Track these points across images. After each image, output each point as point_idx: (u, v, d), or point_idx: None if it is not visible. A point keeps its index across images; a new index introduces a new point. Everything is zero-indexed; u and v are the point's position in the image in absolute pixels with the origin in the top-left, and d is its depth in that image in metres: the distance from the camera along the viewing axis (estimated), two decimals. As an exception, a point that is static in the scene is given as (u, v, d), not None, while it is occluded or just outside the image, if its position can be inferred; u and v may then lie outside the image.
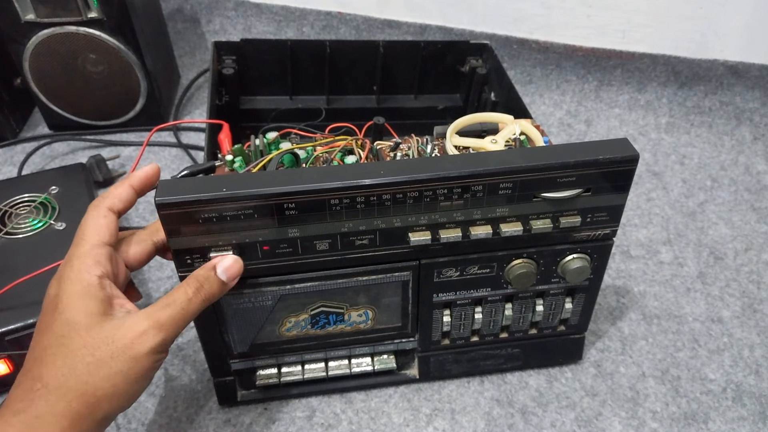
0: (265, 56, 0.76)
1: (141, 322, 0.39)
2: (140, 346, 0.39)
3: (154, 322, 0.39)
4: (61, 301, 0.39)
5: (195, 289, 0.41)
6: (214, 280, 0.42)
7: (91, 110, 0.86)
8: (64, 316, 0.39)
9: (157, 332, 0.39)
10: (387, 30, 0.99)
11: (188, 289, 0.41)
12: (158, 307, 0.40)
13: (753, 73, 0.93)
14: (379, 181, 0.41)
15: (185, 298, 0.41)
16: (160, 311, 0.40)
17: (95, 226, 0.42)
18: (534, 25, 0.95)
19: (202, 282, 0.42)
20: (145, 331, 0.39)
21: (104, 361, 0.38)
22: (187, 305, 0.41)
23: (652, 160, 0.89)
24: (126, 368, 0.38)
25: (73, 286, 0.39)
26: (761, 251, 0.74)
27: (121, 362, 0.38)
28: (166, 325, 0.40)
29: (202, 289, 0.41)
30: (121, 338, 0.38)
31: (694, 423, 0.56)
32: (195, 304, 0.41)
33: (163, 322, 0.39)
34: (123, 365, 0.38)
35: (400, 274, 0.48)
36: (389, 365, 0.55)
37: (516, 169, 0.42)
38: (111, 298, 0.40)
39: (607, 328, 0.64)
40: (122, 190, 0.44)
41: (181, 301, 0.41)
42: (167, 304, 0.40)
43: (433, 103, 0.81)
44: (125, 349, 0.38)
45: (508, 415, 0.56)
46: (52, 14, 0.76)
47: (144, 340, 0.39)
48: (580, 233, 0.48)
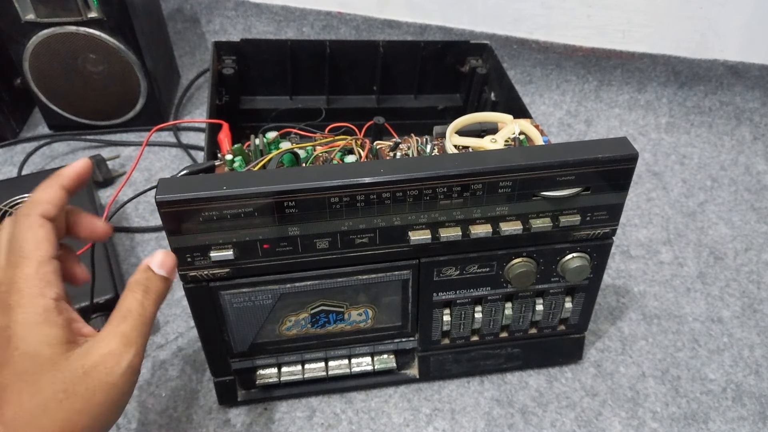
0: (265, 56, 0.76)
1: (108, 342, 0.36)
2: (116, 368, 0.35)
3: (121, 338, 0.36)
4: (15, 333, 0.34)
5: (142, 292, 0.38)
6: (155, 277, 0.39)
7: (91, 110, 0.86)
8: (22, 350, 0.34)
9: (128, 348, 0.36)
10: (387, 30, 0.99)
11: (136, 294, 0.38)
12: (116, 322, 0.37)
13: (753, 73, 0.93)
14: (379, 179, 0.41)
15: (137, 304, 0.38)
16: (121, 325, 0.37)
17: (34, 240, 0.36)
18: (534, 25, 0.95)
19: (145, 284, 0.39)
20: (116, 351, 0.35)
21: (79, 393, 0.34)
22: (142, 311, 0.38)
23: (652, 160, 0.89)
24: (104, 397, 0.35)
25: (26, 315, 0.35)
26: (761, 251, 0.74)
27: (98, 392, 0.35)
28: (132, 337, 0.36)
29: (149, 290, 0.39)
30: (93, 366, 0.35)
31: (694, 423, 0.56)
32: (149, 308, 0.38)
33: (129, 335, 0.36)
34: (101, 395, 0.35)
35: (400, 273, 0.48)
36: (389, 365, 0.55)
37: (515, 167, 0.42)
38: (70, 323, 0.36)
39: (607, 328, 0.64)
40: (53, 192, 0.38)
41: (136, 308, 0.38)
42: (124, 316, 0.37)
43: (433, 103, 0.81)
44: (100, 376, 0.35)
45: (508, 415, 0.56)
46: (52, 14, 0.76)
47: (116, 360, 0.35)
48: (579, 232, 0.48)
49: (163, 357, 0.60)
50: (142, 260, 0.41)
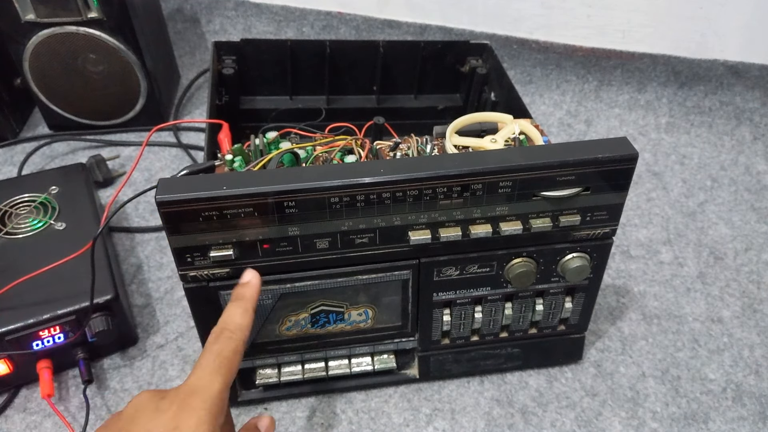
0: (265, 56, 0.76)
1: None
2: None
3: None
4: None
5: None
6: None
7: (91, 110, 0.86)
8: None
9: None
10: (387, 30, 0.99)
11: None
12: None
13: (753, 73, 0.93)
14: (379, 179, 0.41)
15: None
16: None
17: (231, 363, 0.38)
18: (534, 25, 0.95)
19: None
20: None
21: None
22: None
23: (652, 160, 0.89)
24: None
25: (200, 428, 0.35)
26: (761, 251, 0.74)
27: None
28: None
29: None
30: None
31: (694, 423, 0.56)
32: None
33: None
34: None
35: (400, 273, 0.48)
36: (389, 365, 0.55)
37: (515, 167, 0.42)
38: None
39: (607, 328, 0.64)
40: (250, 319, 0.41)
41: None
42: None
43: (433, 103, 0.81)
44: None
45: (508, 415, 0.56)
46: (52, 14, 0.76)
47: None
48: (579, 232, 0.48)
49: (163, 357, 0.60)
50: None
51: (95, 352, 0.59)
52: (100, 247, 0.60)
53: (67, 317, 0.54)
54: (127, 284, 0.67)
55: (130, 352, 0.61)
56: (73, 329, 0.55)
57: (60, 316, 0.54)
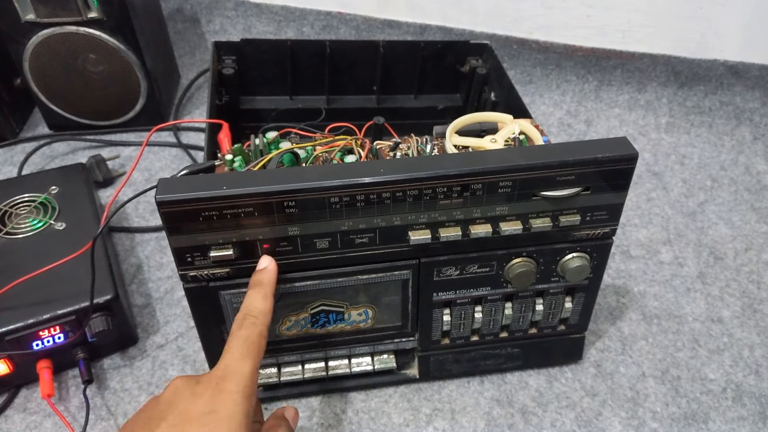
0: (265, 56, 0.76)
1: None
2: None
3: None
4: (216, 422, 0.35)
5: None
6: (290, 429, 0.44)
7: (91, 110, 0.86)
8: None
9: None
10: (387, 30, 0.99)
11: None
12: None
13: (753, 73, 0.93)
14: (379, 179, 0.41)
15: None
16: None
17: (259, 347, 0.40)
18: (534, 25, 0.95)
19: None
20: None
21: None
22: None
23: (652, 160, 0.89)
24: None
25: (236, 409, 0.36)
26: (761, 251, 0.74)
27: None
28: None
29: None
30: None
31: (694, 423, 0.56)
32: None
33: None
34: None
35: (400, 273, 0.48)
36: (389, 365, 0.55)
37: (515, 167, 0.42)
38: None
39: (607, 328, 0.64)
40: (270, 304, 0.43)
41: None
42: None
43: (433, 103, 0.81)
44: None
45: (508, 415, 0.56)
46: (52, 14, 0.76)
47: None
48: (579, 232, 0.48)
49: (163, 357, 0.60)
50: None
51: (95, 352, 0.59)
52: (100, 247, 0.60)
53: (67, 317, 0.54)
54: (127, 284, 0.67)
55: (130, 352, 0.61)
56: (73, 329, 0.55)
57: (60, 316, 0.54)
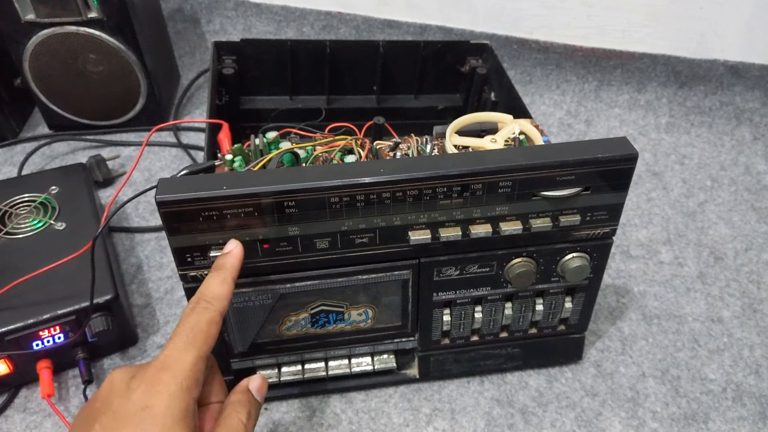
0: (265, 56, 0.76)
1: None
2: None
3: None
4: (155, 420, 0.33)
5: (246, 414, 0.39)
6: (255, 402, 0.41)
7: (91, 110, 0.86)
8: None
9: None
10: (387, 30, 0.99)
11: (241, 415, 0.39)
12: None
13: (753, 73, 0.93)
14: (379, 179, 0.41)
15: (242, 426, 0.39)
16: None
17: (207, 335, 0.37)
18: (534, 25, 0.95)
19: (248, 407, 0.40)
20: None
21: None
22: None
23: (652, 160, 0.89)
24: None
25: (169, 407, 0.34)
26: (761, 251, 0.74)
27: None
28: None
29: (251, 415, 0.40)
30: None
31: (694, 423, 0.56)
32: (250, 429, 0.40)
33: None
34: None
35: (400, 273, 0.48)
36: (389, 365, 0.55)
37: (515, 167, 0.42)
38: (196, 429, 0.36)
39: (607, 328, 0.64)
40: (229, 289, 0.40)
41: (240, 429, 0.39)
42: None
43: (433, 103, 0.81)
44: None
45: (508, 415, 0.56)
46: (52, 14, 0.76)
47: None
48: (579, 232, 0.48)
49: (163, 357, 0.60)
50: None
51: (95, 352, 0.59)
52: (100, 247, 0.60)
53: (67, 317, 0.54)
54: (127, 284, 0.67)
55: (130, 352, 0.61)
56: (73, 329, 0.55)
57: (60, 316, 0.54)
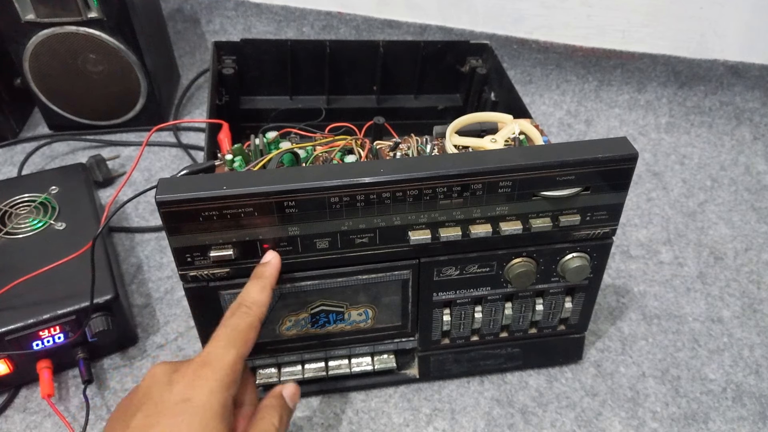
0: (265, 56, 0.76)
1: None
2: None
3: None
4: (195, 413, 0.35)
5: (278, 418, 0.42)
6: (287, 408, 0.43)
7: (91, 110, 0.86)
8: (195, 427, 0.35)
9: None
10: (387, 30, 0.99)
11: (273, 419, 0.41)
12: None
13: (753, 73, 0.93)
14: (379, 179, 0.41)
15: (274, 429, 0.41)
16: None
17: (247, 338, 0.40)
18: (534, 25, 0.95)
19: (280, 412, 0.42)
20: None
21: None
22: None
23: (652, 160, 0.89)
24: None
25: (209, 401, 0.36)
26: (761, 251, 0.74)
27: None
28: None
29: (282, 419, 0.42)
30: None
31: (694, 423, 0.56)
32: None
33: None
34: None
35: (400, 273, 0.48)
36: (389, 365, 0.55)
37: (515, 167, 0.42)
38: (232, 428, 0.38)
39: (607, 328, 0.64)
40: (268, 297, 0.42)
41: None
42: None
43: (433, 103, 0.81)
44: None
45: (508, 415, 0.56)
46: (52, 14, 0.76)
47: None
48: (579, 232, 0.48)
49: (163, 357, 0.60)
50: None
51: (95, 352, 0.59)
52: (100, 247, 0.60)
53: (67, 317, 0.54)
54: (127, 284, 0.67)
55: (130, 352, 0.61)
56: (73, 329, 0.55)
57: (60, 316, 0.54)
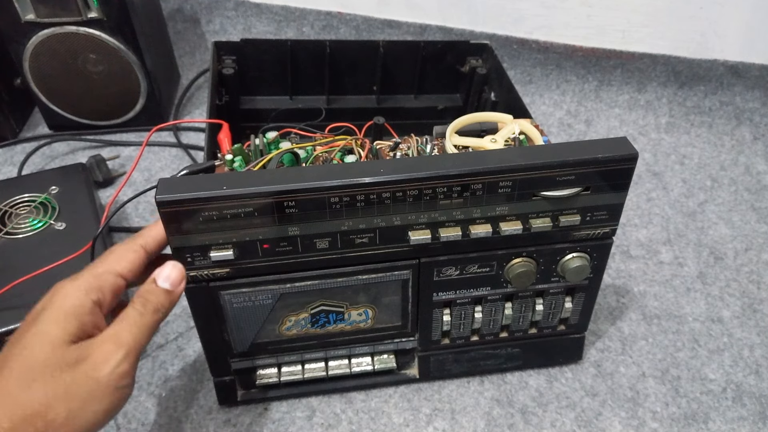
0: (265, 56, 0.76)
1: (102, 342, 0.38)
2: (103, 366, 0.37)
3: (114, 341, 0.38)
4: (44, 314, 0.38)
5: (141, 303, 0.40)
6: (157, 291, 0.42)
7: (91, 110, 0.86)
8: (38, 328, 0.37)
9: (118, 349, 0.38)
10: (387, 30, 0.99)
11: (136, 304, 0.40)
12: (114, 326, 0.39)
13: (753, 73, 0.93)
14: (379, 179, 0.41)
15: (136, 312, 0.40)
16: (115, 327, 0.39)
17: (119, 255, 0.42)
18: (534, 25, 0.95)
19: (146, 296, 0.41)
20: (106, 350, 0.37)
21: (62, 380, 0.36)
22: (140, 319, 0.40)
23: (652, 160, 0.89)
24: (84, 392, 0.36)
25: (62, 302, 0.38)
26: (761, 251, 0.74)
27: (80, 384, 0.36)
28: (124, 341, 0.38)
29: (148, 302, 0.41)
30: (83, 358, 0.37)
31: (694, 423, 0.56)
32: (148, 318, 0.40)
33: (123, 339, 0.38)
34: (81, 387, 0.36)
35: (400, 273, 0.48)
36: (389, 365, 0.55)
37: (515, 167, 0.42)
38: (94, 326, 0.39)
39: (607, 328, 0.64)
40: (159, 230, 0.43)
41: (133, 315, 0.40)
42: (120, 319, 0.39)
43: (433, 103, 0.81)
44: (86, 370, 0.36)
45: (508, 415, 0.56)
46: (52, 14, 0.76)
47: (106, 359, 0.37)
48: (579, 232, 0.48)
49: (163, 357, 0.60)
50: None
51: (95, 352, 0.59)
52: (100, 247, 0.60)
53: (67, 317, 0.54)
54: (127, 284, 0.67)
55: (130, 352, 0.61)
56: (73, 329, 0.54)
57: (60, 316, 0.54)
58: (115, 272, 0.41)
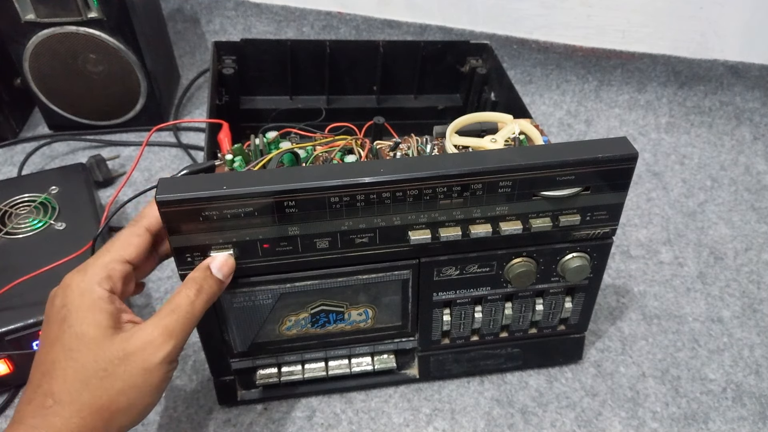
0: (265, 56, 0.76)
1: (150, 332, 0.39)
2: (152, 357, 0.38)
3: (163, 330, 0.39)
4: (69, 313, 0.39)
5: (195, 291, 0.41)
6: (212, 278, 0.42)
7: (91, 110, 0.86)
8: (74, 330, 0.38)
9: (167, 339, 0.39)
10: (387, 30, 0.99)
11: (189, 291, 0.41)
12: (163, 314, 0.40)
13: (753, 73, 0.93)
14: (379, 179, 0.41)
15: (188, 301, 0.40)
16: (166, 318, 0.39)
17: (124, 242, 0.42)
18: (534, 25, 0.95)
19: (200, 283, 0.41)
20: (155, 341, 0.38)
21: (117, 374, 0.37)
22: (191, 308, 0.40)
23: (652, 160, 0.89)
24: (140, 381, 0.38)
25: (82, 299, 0.39)
26: (761, 251, 0.74)
27: (134, 375, 0.38)
28: (175, 331, 0.39)
29: (202, 290, 0.41)
30: (133, 350, 0.38)
31: (694, 423, 0.56)
32: (198, 306, 0.41)
33: (172, 329, 0.39)
34: (136, 378, 0.38)
35: (400, 273, 0.48)
36: (389, 365, 0.55)
37: (515, 167, 0.42)
38: (119, 312, 0.40)
39: (607, 328, 0.64)
40: None
41: (185, 305, 0.40)
42: (171, 310, 0.40)
43: (433, 103, 0.81)
44: (137, 361, 0.38)
45: (508, 415, 0.56)
46: (52, 14, 0.76)
47: (155, 349, 0.38)
48: (579, 232, 0.48)
49: (163, 357, 0.60)
50: None
51: (95, 352, 0.59)
52: (100, 247, 0.60)
53: (67, 317, 0.54)
54: (127, 284, 0.67)
55: (130, 352, 0.61)
56: (73, 329, 0.54)
57: (60, 316, 0.54)
58: (122, 260, 0.41)
